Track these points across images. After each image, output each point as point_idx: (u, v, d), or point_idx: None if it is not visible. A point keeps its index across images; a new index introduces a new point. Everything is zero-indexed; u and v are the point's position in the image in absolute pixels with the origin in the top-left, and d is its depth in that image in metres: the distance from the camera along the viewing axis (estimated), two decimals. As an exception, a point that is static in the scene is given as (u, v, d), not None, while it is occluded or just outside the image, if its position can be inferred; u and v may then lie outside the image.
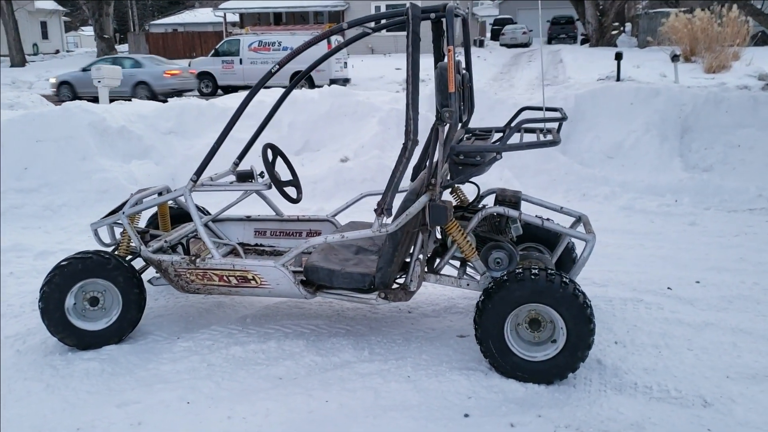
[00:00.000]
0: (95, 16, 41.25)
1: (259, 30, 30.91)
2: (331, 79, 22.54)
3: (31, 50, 46.60)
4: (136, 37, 40.28)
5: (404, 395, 3.51)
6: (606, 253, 5.85)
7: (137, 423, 3.27)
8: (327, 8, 39.14)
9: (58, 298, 3.90)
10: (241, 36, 25.45)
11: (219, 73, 23.66)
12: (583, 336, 3.50)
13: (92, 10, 41.10)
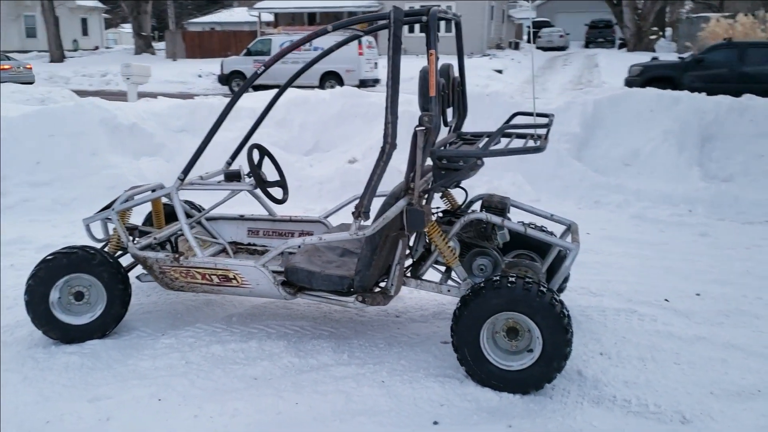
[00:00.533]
0: (134, 13, 41.98)
1: (290, 30, 31.07)
2: (360, 80, 22.58)
3: (71, 46, 47.54)
4: (173, 34, 40.77)
5: (375, 400, 3.48)
6: (608, 262, 5.77)
7: (106, 418, 3.30)
8: (360, 8, 39.22)
9: (42, 292, 3.95)
10: (272, 36, 25.62)
11: (250, 72, 23.81)
12: (558, 346, 3.43)
13: (131, 7, 41.82)
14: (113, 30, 64.34)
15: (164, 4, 49.77)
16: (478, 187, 7.96)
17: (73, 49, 47.16)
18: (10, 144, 7.12)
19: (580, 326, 4.40)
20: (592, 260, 5.80)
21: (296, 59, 23.25)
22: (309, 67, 4.68)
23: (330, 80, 22.89)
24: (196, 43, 41.74)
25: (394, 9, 3.61)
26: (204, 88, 25.43)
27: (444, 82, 3.87)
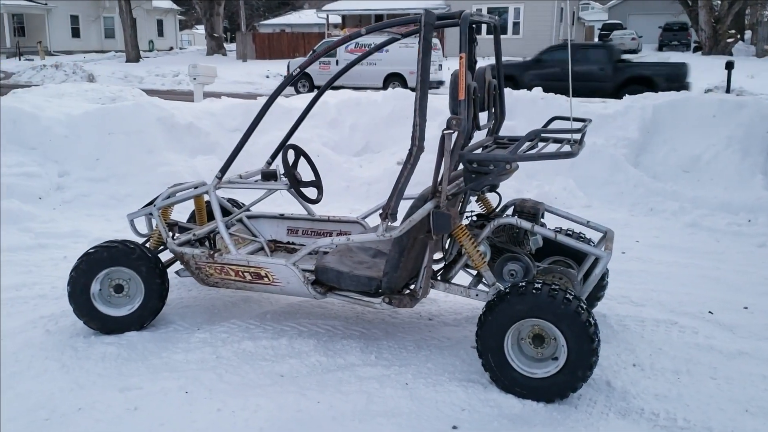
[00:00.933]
0: (206, 15, 43.00)
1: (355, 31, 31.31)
2: None
3: (147, 47, 49.08)
4: (243, 36, 41.62)
5: (397, 402, 3.49)
6: (655, 270, 5.62)
7: (133, 408, 3.40)
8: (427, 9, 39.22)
9: (84, 284, 4.11)
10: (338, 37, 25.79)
11: (316, 73, 24.02)
12: (584, 355, 3.37)
13: (204, 9, 42.86)
14: (188, 31, 66.19)
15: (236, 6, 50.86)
16: (527, 192, 7.87)
17: (149, 49, 48.64)
18: (72, 141, 7.42)
19: (615, 336, 4.31)
20: (638, 269, 5.66)
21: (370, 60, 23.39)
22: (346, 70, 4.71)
23: (394, 82, 22.91)
24: (266, 44, 42.43)
25: (425, 13, 3.61)
26: (270, 88, 25.78)
27: (476, 86, 3.84)
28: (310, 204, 4.60)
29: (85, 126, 7.55)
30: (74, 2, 45.76)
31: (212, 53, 42.17)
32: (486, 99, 4.17)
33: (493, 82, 4.26)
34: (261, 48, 41.78)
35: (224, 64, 33.98)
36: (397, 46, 22.46)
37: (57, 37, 46.06)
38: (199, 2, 42.93)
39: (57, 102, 8.51)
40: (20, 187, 6.70)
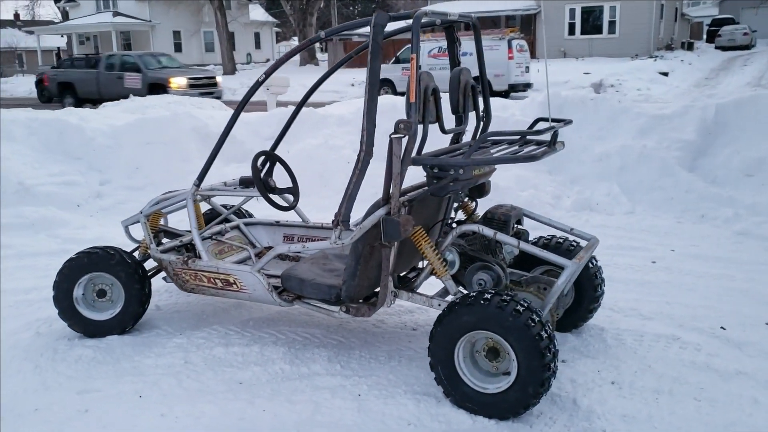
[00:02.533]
0: (299, 26, 43.93)
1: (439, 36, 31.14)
2: (510, 84, 22.13)
3: (245, 59, 50.75)
4: (335, 45, 42.26)
5: (343, 414, 3.40)
6: (679, 282, 5.24)
7: (84, 410, 3.46)
8: (518, 12, 38.61)
9: (66, 288, 4.23)
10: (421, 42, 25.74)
11: (398, 79, 24.03)
12: (534, 371, 3.16)
13: (297, 21, 43.82)
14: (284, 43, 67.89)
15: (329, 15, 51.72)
16: (567, 197, 7.55)
17: (246, 61, 50.23)
18: (114, 150, 7.73)
19: (605, 351, 4.04)
20: (662, 280, 5.30)
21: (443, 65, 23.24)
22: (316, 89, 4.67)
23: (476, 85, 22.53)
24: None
25: (376, 14, 3.52)
26: (354, 96, 26.00)
27: (435, 87, 3.70)
28: (282, 211, 4.56)
29: (126, 136, 7.85)
30: (176, 18, 47.88)
31: (305, 63, 42.99)
32: (461, 101, 4.02)
33: (471, 83, 4.10)
34: (353, 56, 42.18)
35: (313, 74, 34.56)
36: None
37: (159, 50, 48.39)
38: (292, 14, 43.97)
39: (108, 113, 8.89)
40: (60, 195, 7.03)
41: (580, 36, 37.23)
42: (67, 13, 55.80)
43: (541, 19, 35.82)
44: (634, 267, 5.62)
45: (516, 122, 8.21)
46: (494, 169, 4.10)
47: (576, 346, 4.12)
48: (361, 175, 3.51)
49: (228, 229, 4.98)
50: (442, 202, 4.25)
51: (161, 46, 48.30)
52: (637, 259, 5.80)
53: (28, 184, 7.05)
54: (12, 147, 7.46)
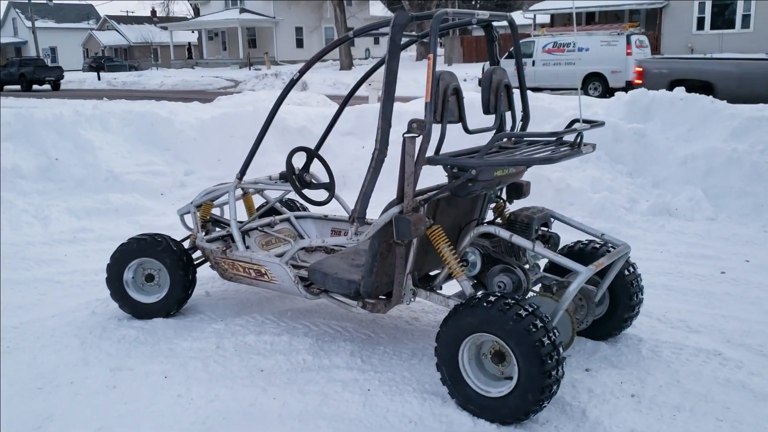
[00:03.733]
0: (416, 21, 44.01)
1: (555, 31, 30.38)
2: (627, 81, 21.29)
3: (363, 55, 51.55)
4: (451, 40, 42.12)
5: (348, 407, 3.46)
6: (743, 295, 4.93)
7: (112, 386, 3.71)
8: (643, 6, 37.01)
9: (117, 272, 4.53)
10: (536, 37, 25.21)
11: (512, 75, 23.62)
12: (533, 378, 3.10)
13: (414, 16, 43.87)
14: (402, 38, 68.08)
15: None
16: (645, 201, 7.22)
17: (365, 57, 50.99)
18: (199, 143, 8.13)
19: (635, 363, 3.88)
20: (725, 291, 5.01)
21: (558, 61, 22.69)
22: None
23: (594, 82, 21.81)
24: (474, 47, 42.58)
25: (397, 14, 3.54)
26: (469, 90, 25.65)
27: (456, 86, 3.67)
28: (316, 206, 4.64)
29: (211, 129, 8.23)
30: (298, 14, 49.26)
31: (420, 58, 43.05)
32: (493, 101, 3.97)
33: (505, 82, 4.04)
34: (469, 51, 41.94)
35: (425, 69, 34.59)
36: (598, 44, 21.55)
37: (283, 48, 50.00)
38: (410, 10, 44.14)
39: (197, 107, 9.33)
40: (145, 184, 7.48)
41: (710, 31, 35.22)
42: (198, 10, 58.76)
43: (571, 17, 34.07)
44: (699, 276, 5.33)
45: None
46: (523, 170, 4.01)
47: (607, 356, 3.98)
48: (376, 172, 3.54)
49: (277, 222, 5.14)
50: (476, 202, 4.21)
51: (284, 42, 49.96)
52: (705, 269, 5.50)
53: (117, 173, 7.55)
54: (106, 137, 8.02)
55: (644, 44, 21.87)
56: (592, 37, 22.11)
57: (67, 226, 6.60)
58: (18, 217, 6.69)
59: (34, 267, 5.71)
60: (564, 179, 7.07)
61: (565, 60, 22.29)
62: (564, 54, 22.57)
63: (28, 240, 6.30)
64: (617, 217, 6.77)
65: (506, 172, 3.71)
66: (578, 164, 7.51)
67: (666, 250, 6.04)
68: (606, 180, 7.19)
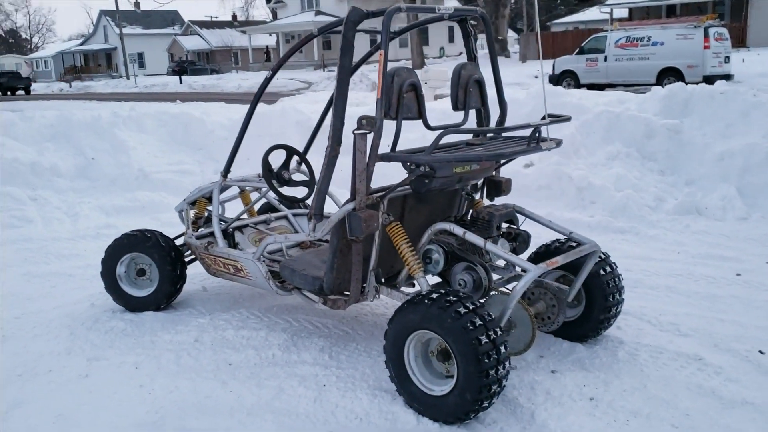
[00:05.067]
0: (491, 18, 43.48)
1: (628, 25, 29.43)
2: (704, 76, 20.45)
3: (437, 53, 51.34)
4: (526, 37, 41.36)
5: (298, 401, 3.48)
6: (752, 298, 4.71)
7: (85, 375, 3.85)
8: (725, -2, 35.54)
9: (110, 266, 4.69)
10: (608, 32, 24.51)
11: (582, 71, 22.91)
12: (470, 377, 3.04)
13: (489, 12, 43.38)
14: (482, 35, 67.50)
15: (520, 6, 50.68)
16: (674, 199, 6.93)
17: (439, 56, 50.70)
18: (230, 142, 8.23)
19: (609, 366, 3.75)
20: (732, 294, 4.78)
21: (631, 56, 21.95)
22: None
23: (669, 77, 20.95)
24: (550, 43, 41.71)
25: (351, 9, 3.54)
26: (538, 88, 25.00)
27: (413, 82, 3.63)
28: (292, 203, 4.67)
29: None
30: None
31: None
32: (461, 96, 3.92)
33: (475, 78, 3.97)
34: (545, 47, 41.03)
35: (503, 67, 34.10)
36: (674, 38, 20.79)
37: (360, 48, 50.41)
38: (484, 7, 43.61)
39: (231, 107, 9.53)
40: (174, 182, 7.71)
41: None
42: (275, 13, 60.02)
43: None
44: (710, 278, 5.10)
45: (629, 118, 7.66)
46: (491, 166, 3.94)
47: (580, 358, 3.86)
48: (329, 169, 3.56)
49: (273, 219, 5.22)
50: (453, 198, 4.17)
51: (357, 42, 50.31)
52: (720, 270, 5.25)
53: (147, 171, 7.83)
54: (141, 137, 8.32)
55: (723, 37, 20.90)
56: (667, 31, 21.29)
57: (94, 223, 6.90)
58: (51, 213, 7.03)
59: (54, 261, 5.99)
60: (586, 177, 6.87)
61: (639, 55, 21.57)
62: (638, 49, 21.83)
63: (55, 236, 6.61)
64: (640, 216, 6.54)
65: (467, 168, 3.65)
66: (604, 162, 7.29)
67: (684, 250, 5.79)
68: (631, 178, 6.95)
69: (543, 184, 6.96)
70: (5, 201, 7.02)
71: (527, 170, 7.20)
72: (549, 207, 6.76)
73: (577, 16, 56.81)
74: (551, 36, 42.60)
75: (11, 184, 7.32)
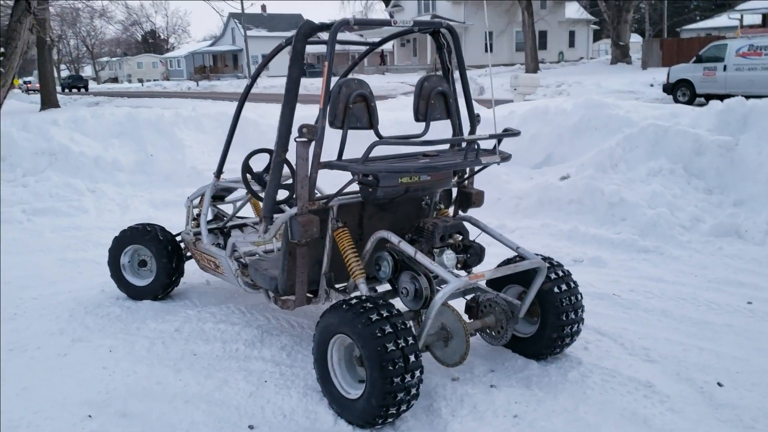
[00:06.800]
0: (614, 23, 41.87)
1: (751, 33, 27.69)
2: None
3: (556, 58, 50.22)
4: (649, 43, 39.63)
5: (234, 395, 3.65)
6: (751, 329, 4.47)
7: (64, 354, 4.19)
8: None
9: (115, 255, 5.05)
10: (728, 40, 23.26)
11: (698, 80, 21.78)
12: (375, 383, 3.11)
13: (611, 17, 41.82)
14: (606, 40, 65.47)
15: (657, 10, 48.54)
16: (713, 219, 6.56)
17: (557, 60, 49.48)
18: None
19: (552, 386, 3.69)
20: (729, 323, 4.55)
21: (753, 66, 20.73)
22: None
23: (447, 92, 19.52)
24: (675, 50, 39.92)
25: (304, 22, 3.68)
26: (651, 97, 23.49)
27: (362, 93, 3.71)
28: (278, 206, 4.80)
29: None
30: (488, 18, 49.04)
31: (616, 62, 40.76)
32: (422, 108, 3.98)
33: (439, 90, 4.01)
34: (669, 54, 39.29)
35: (615, 73, 32.97)
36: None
37: (471, 52, 50.14)
38: (607, 11, 42.15)
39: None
40: (221, 180, 8.11)
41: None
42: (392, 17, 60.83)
43: None
44: (714, 305, 4.85)
45: (677, 132, 7.32)
46: (445, 177, 3.94)
47: (529, 375, 3.82)
48: (275, 173, 3.71)
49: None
50: (420, 209, 4.23)
51: (472, 46, 50.16)
52: (730, 297, 4.98)
53: (199, 169, 8.26)
54: (198, 137, 8.79)
55: None
56: None
57: (140, 215, 7.37)
58: (105, 205, 7.59)
59: (91, 249, 6.47)
60: (619, 192, 6.65)
61: (762, 65, 20.34)
62: (761, 58, 20.54)
63: (102, 225, 7.14)
64: (670, 236, 6.26)
65: (414, 179, 3.70)
66: (644, 177, 7.02)
67: (703, 274, 5.52)
68: (668, 196, 6.65)
69: (574, 198, 6.80)
70: (66, 192, 7.64)
71: (562, 183, 7.05)
72: (575, 222, 6.61)
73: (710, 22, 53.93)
74: (677, 42, 40.64)
75: (75, 177, 7.96)
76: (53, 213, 7.28)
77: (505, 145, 7.58)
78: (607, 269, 5.70)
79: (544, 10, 49.01)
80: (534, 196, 7.04)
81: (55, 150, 8.24)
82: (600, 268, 5.73)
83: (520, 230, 6.68)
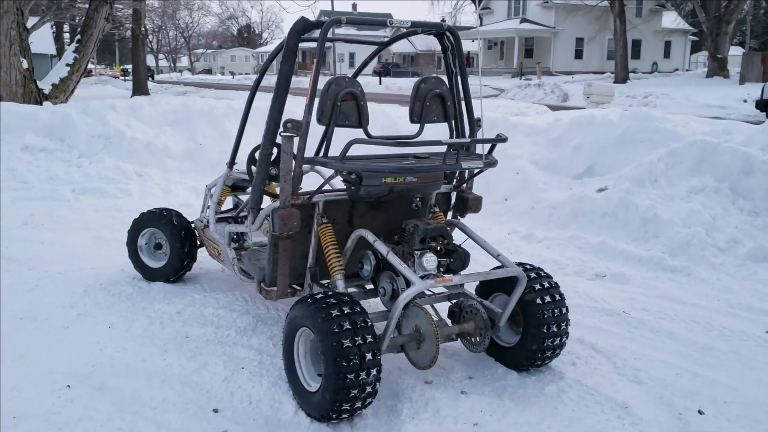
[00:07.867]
0: (712, 35, 40.21)
1: None
2: None
3: (649, 68, 48.68)
4: (749, 56, 37.85)
5: (211, 379, 3.74)
6: (752, 357, 4.26)
7: (66, 326, 4.41)
8: None
9: (132, 237, 5.26)
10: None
11: None
12: (329, 378, 3.15)
13: (710, 29, 40.13)
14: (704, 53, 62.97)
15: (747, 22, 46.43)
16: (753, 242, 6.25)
17: (651, 71, 47.90)
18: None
19: (526, 399, 3.62)
20: (732, 350, 4.34)
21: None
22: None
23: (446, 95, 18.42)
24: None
25: (298, 19, 3.74)
26: (743, 114, 22.05)
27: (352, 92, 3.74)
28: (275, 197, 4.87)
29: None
30: (579, 24, 48.09)
31: (712, 75, 39.09)
32: (418, 110, 4.00)
33: (437, 93, 4.01)
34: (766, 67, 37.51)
35: (709, 87, 31.70)
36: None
37: (560, 58, 49.39)
38: (705, 22, 40.53)
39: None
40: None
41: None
42: (481, 19, 60.38)
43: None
44: (727, 330, 4.64)
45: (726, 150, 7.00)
46: (433, 180, 3.92)
47: (505, 385, 3.76)
48: (262, 166, 3.78)
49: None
50: (414, 210, 4.23)
51: (561, 52, 49.32)
52: (749, 325, 4.75)
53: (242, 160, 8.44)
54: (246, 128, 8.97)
55: None
56: None
57: (180, 200, 7.63)
58: (149, 189, 7.89)
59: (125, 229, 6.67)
60: (653, 208, 6.42)
61: None
62: None
63: (142, 208, 7.32)
64: (702, 257, 6.00)
65: (399, 180, 3.70)
66: (684, 195, 6.75)
67: (726, 299, 5.28)
68: (707, 215, 6.37)
69: (608, 211, 6.61)
70: (115, 174, 7.98)
71: (597, 195, 6.86)
72: (605, 236, 6.43)
73: None
74: (771, 53, 38.70)
75: (126, 161, 8.31)
76: (99, 193, 7.63)
77: (545, 155, 7.50)
78: (627, 286, 5.52)
79: (638, 18, 47.63)
80: (568, 207, 6.89)
81: (111, 134, 8.63)
82: (620, 284, 5.56)
83: (547, 240, 6.55)
